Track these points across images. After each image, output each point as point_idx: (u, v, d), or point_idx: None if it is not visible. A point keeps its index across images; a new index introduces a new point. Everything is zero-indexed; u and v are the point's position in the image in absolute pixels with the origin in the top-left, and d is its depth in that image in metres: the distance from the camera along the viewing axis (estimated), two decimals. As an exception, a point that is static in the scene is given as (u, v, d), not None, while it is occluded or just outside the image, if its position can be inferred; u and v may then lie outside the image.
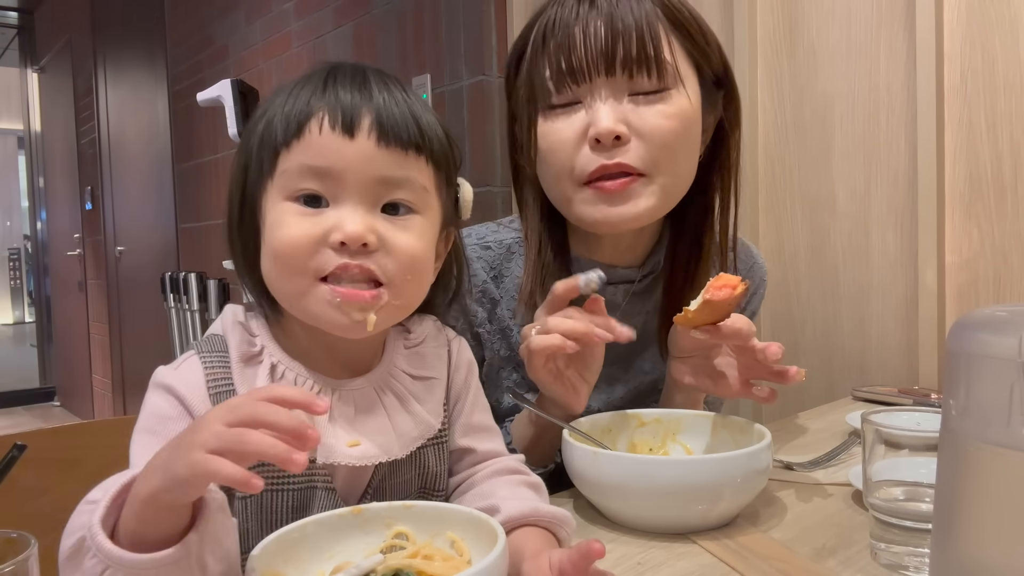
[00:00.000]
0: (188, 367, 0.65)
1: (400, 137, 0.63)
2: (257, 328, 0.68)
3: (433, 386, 0.71)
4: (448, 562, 0.57)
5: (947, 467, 0.50)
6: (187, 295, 3.64)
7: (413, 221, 0.64)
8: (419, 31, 2.30)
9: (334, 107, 0.62)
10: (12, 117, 7.75)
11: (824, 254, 1.49)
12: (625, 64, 0.83)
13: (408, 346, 0.72)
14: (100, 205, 5.02)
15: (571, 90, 0.85)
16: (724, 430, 0.84)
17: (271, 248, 0.63)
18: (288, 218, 0.62)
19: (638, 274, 0.97)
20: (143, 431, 0.62)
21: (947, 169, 1.32)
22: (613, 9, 0.84)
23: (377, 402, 0.67)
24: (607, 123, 0.82)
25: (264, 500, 0.63)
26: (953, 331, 0.49)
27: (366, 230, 0.60)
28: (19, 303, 9.50)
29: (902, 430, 0.63)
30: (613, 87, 0.84)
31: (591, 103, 0.85)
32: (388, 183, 0.63)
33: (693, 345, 0.87)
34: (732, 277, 0.77)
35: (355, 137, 0.61)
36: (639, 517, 0.74)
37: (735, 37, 1.57)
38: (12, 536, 0.45)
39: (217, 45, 3.51)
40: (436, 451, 0.71)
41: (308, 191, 0.62)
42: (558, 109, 0.87)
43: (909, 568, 0.63)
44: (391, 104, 0.63)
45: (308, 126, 0.62)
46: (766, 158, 1.57)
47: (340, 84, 0.63)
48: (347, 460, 0.63)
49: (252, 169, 0.65)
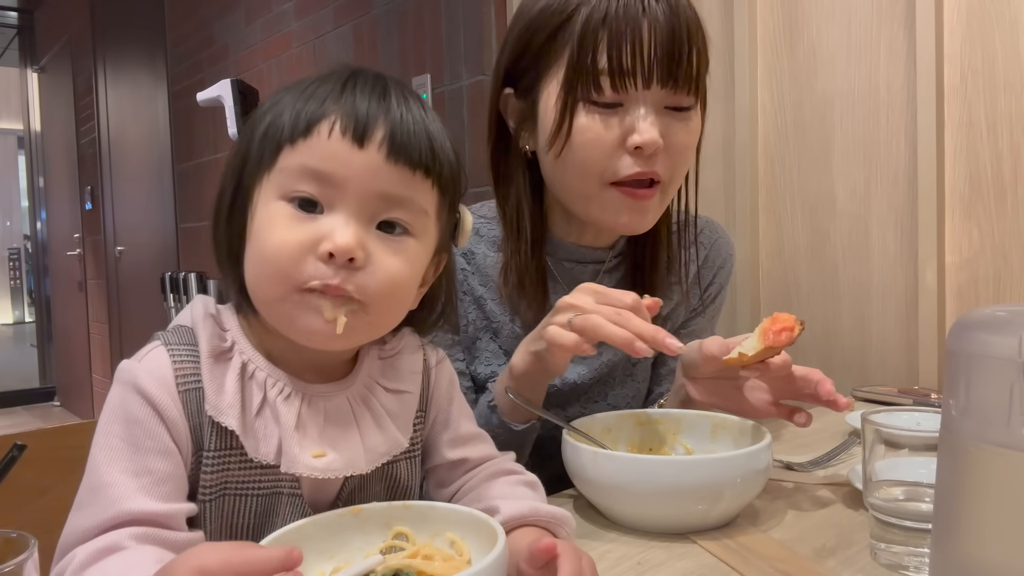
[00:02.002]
0: (154, 360, 0.61)
1: (411, 156, 0.60)
2: (228, 322, 0.65)
3: (406, 401, 0.69)
4: (448, 562, 0.57)
5: (947, 467, 0.50)
6: (187, 295, 3.64)
7: (406, 244, 0.62)
8: (419, 31, 2.30)
9: (349, 113, 0.60)
10: (12, 117, 7.76)
11: (824, 254, 1.49)
12: (679, 79, 0.85)
13: (383, 356, 0.70)
14: (100, 205, 5.02)
15: (622, 92, 0.85)
16: (724, 430, 0.84)
17: (256, 249, 0.61)
18: (278, 220, 0.59)
19: (608, 255, 1.00)
20: (109, 434, 0.59)
21: (947, 169, 1.32)
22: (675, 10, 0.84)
23: (348, 412, 0.65)
24: (654, 136, 0.84)
25: (228, 505, 0.62)
26: (953, 331, 0.49)
27: (356, 245, 0.58)
28: (19, 303, 9.51)
29: (902, 430, 0.63)
30: (659, 97, 0.86)
31: (635, 109, 0.85)
32: (389, 200, 0.60)
33: (718, 370, 0.85)
34: (788, 317, 0.78)
35: (365, 147, 0.59)
36: (639, 517, 0.74)
37: (735, 37, 1.57)
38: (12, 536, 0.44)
39: (217, 45, 3.51)
40: (408, 465, 0.70)
41: (304, 194, 0.59)
42: (601, 106, 0.86)
43: (909, 568, 0.63)
44: (408, 120, 0.61)
45: (318, 127, 0.59)
46: (766, 158, 1.57)
47: (359, 91, 0.61)
48: (310, 471, 0.61)
49: (251, 160, 0.62)
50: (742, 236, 1.56)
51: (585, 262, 0.99)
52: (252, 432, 0.61)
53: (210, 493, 0.61)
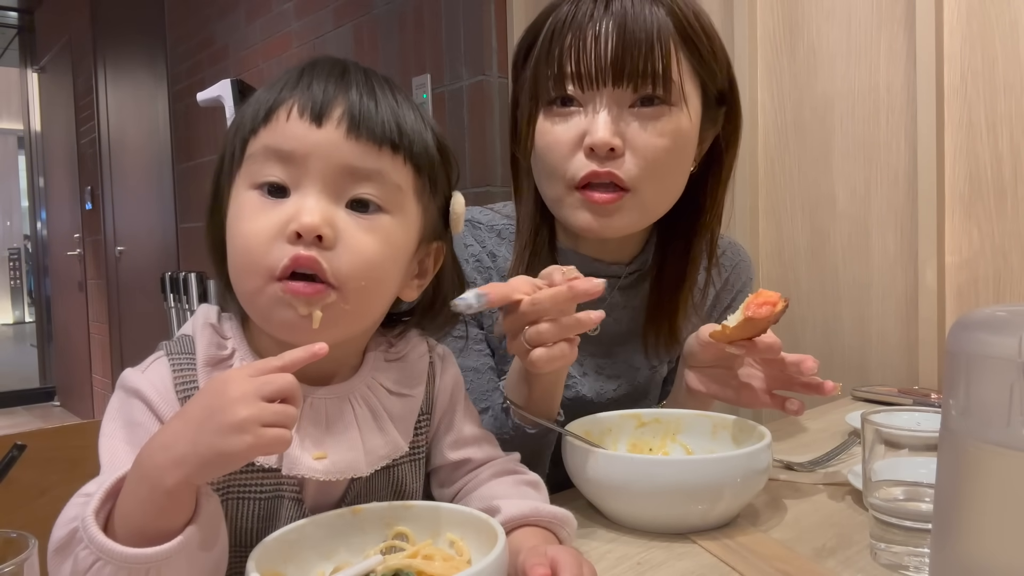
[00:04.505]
0: (156, 369, 0.63)
1: (373, 131, 0.60)
2: (230, 330, 0.65)
3: (409, 404, 0.69)
4: (448, 562, 0.57)
5: (947, 467, 0.50)
6: (187, 295, 3.64)
7: (381, 221, 0.61)
8: (419, 31, 2.30)
9: (305, 96, 0.60)
10: (12, 117, 7.76)
11: (824, 254, 1.49)
12: (632, 77, 0.83)
13: (389, 359, 0.70)
14: (100, 205, 5.02)
15: (574, 93, 0.85)
16: (724, 430, 0.84)
17: (231, 243, 0.61)
18: (248, 210, 0.60)
19: (625, 271, 0.97)
20: (112, 437, 0.59)
21: (947, 169, 1.32)
22: (627, 17, 0.83)
23: (350, 414, 0.65)
24: (603, 135, 0.83)
25: (230, 509, 0.62)
26: (953, 331, 0.49)
27: (323, 222, 0.57)
28: (19, 303, 9.50)
29: (902, 430, 0.63)
30: (616, 97, 0.84)
31: (591, 110, 0.85)
32: (356, 174, 0.59)
33: (715, 357, 0.87)
34: (772, 294, 0.78)
35: (323, 126, 0.59)
36: (639, 517, 0.74)
37: (735, 37, 1.57)
38: (12, 536, 0.45)
39: (217, 45, 3.51)
40: (412, 467, 0.70)
41: (271, 179, 0.59)
42: (558, 109, 0.87)
43: (909, 568, 0.63)
44: (367, 98, 0.61)
45: (277, 113, 0.60)
46: (766, 158, 1.57)
47: (316, 76, 0.61)
48: (311, 473, 0.61)
49: (226, 159, 0.64)
50: (742, 236, 1.56)
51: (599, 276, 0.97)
52: None
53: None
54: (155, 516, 0.50)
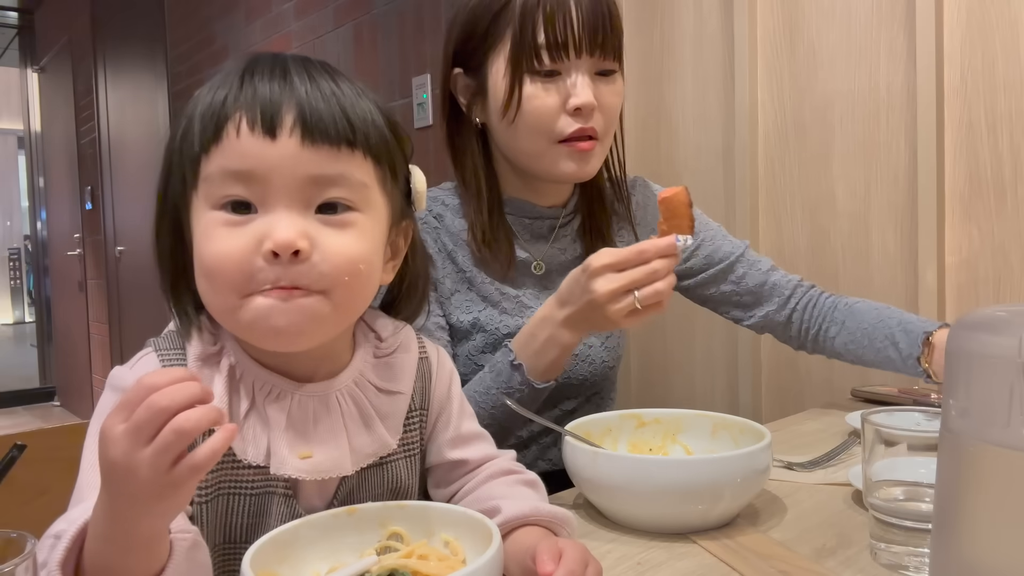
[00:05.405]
0: (145, 367, 0.62)
1: (327, 134, 0.58)
2: (218, 326, 0.64)
3: (397, 401, 0.68)
4: (443, 562, 0.57)
5: (947, 467, 0.50)
6: (187, 295, 3.64)
7: (352, 220, 0.60)
8: (419, 31, 2.30)
9: (252, 105, 0.57)
10: (12, 117, 7.76)
11: (824, 254, 1.49)
12: (603, 48, 0.99)
13: (378, 355, 0.69)
14: (100, 205, 5.02)
15: (559, 62, 0.98)
16: (724, 430, 0.84)
17: (201, 264, 0.59)
18: (215, 230, 0.58)
19: (561, 212, 1.12)
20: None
21: (947, 169, 1.32)
22: None
23: (336, 411, 0.64)
24: (588, 97, 0.99)
25: (222, 505, 0.62)
26: (953, 331, 0.49)
27: (298, 236, 0.56)
28: (19, 303, 9.51)
29: (902, 430, 0.63)
30: (589, 64, 1.00)
31: (571, 76, 0.99)
32: (319, 182, 0.58)
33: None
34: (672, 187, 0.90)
35: (277, 138, 0.57)
36: (639, 517, 0.74)
37: (735, 37, 1.57)
38: (12, 536, 0.44)
39: (217, 45, 3.51)
40: (407, 464, 0.70)
41: (234, 197, 0.58)
42: (543, 76, 0.99)
43: (909, 568, 0.63)
44: (315, 98, 0.58)
45: (226, 129, 0.58)
46: (766, 158, 1.57)
47: (258, 78, 0.59)
48: (297, 473, 0.61)
49: (174, 178, 0.61)
50: (742, 237, 1.56)
51: (543, 218, 1.11)
52: (241, 434, 0.61)
53: (205, 495, 0.61)
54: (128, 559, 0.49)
